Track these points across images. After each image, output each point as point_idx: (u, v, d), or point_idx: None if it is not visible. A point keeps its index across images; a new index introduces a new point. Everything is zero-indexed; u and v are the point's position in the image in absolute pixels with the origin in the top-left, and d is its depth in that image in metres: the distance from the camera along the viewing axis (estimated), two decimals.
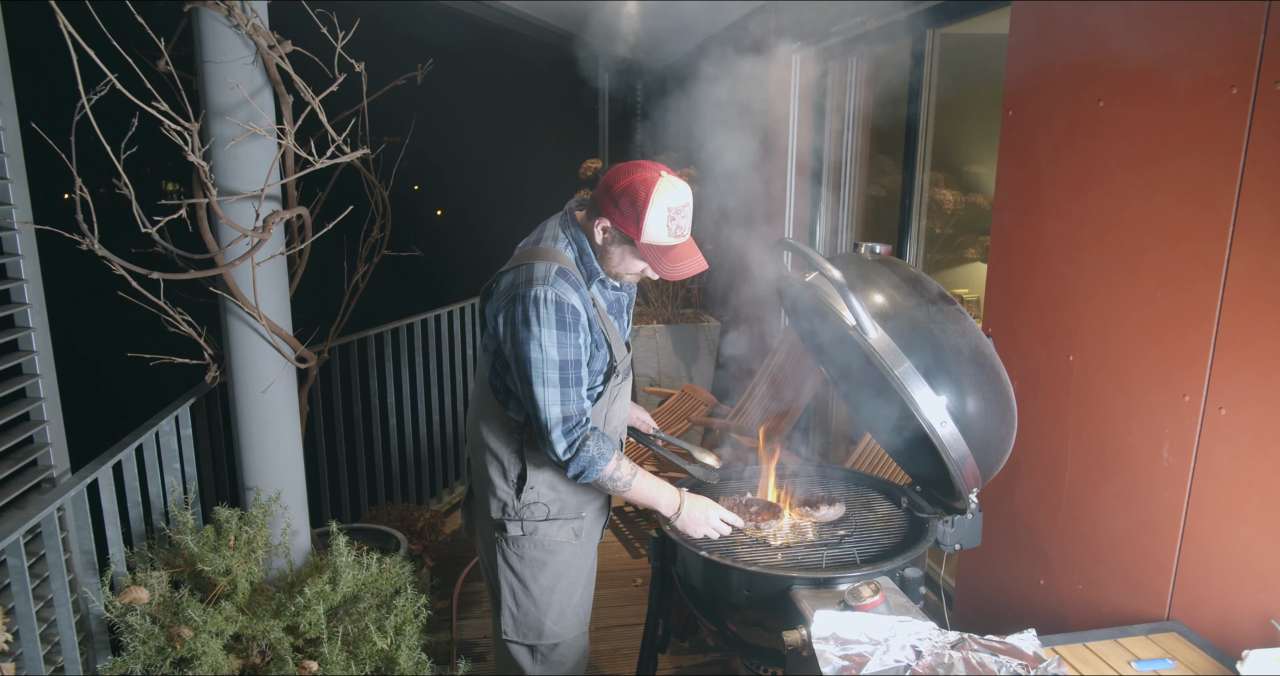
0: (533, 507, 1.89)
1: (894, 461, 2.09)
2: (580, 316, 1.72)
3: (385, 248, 2.73)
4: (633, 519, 4.06)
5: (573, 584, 1.97)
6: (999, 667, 1.33)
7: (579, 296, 1.72)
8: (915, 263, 3.34)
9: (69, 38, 1.70)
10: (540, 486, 1.88)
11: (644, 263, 1.75)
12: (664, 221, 1.66)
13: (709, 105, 3.77)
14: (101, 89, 1.83)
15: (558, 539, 1.92)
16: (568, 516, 1.92)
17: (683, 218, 1.70)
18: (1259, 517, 1.57)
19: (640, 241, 1.69)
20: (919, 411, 1.51)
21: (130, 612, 1.95)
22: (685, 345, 5.41)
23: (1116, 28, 1.87)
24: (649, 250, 1.70)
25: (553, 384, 1.70)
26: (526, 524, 1.90)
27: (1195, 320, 1.68)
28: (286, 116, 2.25)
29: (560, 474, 1.87)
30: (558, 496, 1.91)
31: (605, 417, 1.90)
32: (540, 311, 1.67)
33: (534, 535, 1.91)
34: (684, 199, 1.68)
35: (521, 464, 1.88)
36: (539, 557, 1.92)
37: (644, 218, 1.65)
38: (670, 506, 1.82)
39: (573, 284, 1.72)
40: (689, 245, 1.75)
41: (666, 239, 1.69)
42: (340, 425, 3.46)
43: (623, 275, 1.81)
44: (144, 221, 1.97)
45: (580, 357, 1.74)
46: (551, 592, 1.95)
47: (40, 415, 2.10)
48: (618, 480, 1.78)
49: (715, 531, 1.83)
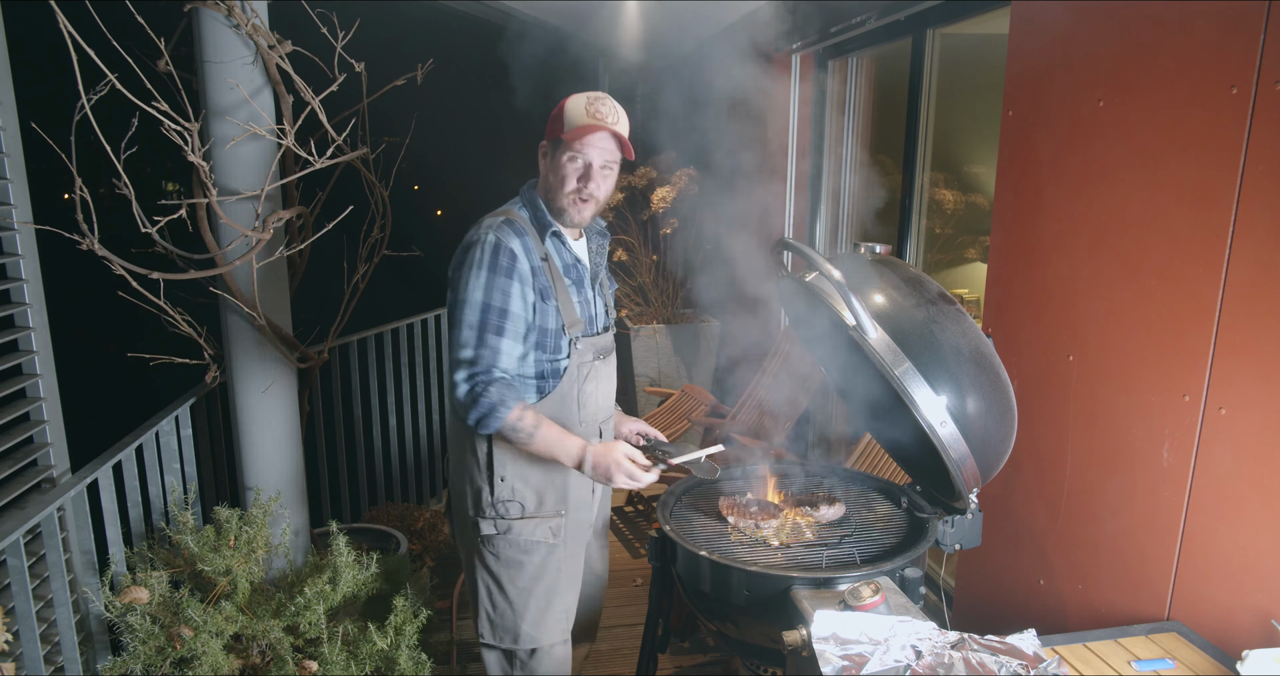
0: (507, 504, 1.84)
1: (894, 461, 2.09)
2: (519, 261, 1.72)
3: (385, 247, 2.73)
4: (633, 519, 4.06)
5: (552, 587, 1.91)
6: (999, 667, 1.33)
7: (521, 243, 1.74)
8: (915, 263, 3.34)
9: (69, 38, 1.70)
10: (514, 480, 1.83)
11: (568, 155, 1.76)
12: (582, 105, 1.76)
13: (709, 105, 3.77)
14: (101, 89, 1.83)
15: (534, 538, 1.86)
16: (545, 514, 1.86)
17: (601, 104, 1.77)
18: (1259, 518, 1.57)
19: (564, 134, 1.75)
20: (919, 411, 1.51)
21: (130, 612, 1.95)
22: (685, 345, 5.41)
23: (1116, 27, 1.87)
24: (571, 136, 1.74)
25: (470, 325, 1.70)
26: (501, 522, 1.85)
27: (1195, 320, 1.68)
28: (286, 116, 2.25)
29: (534, 465, 1.82)
30: (533, 492, 1.85)
31: (578, 400, 1.85)
32: (475, 254, 1.72)
33: (508, 534, 1.85)
34: (602, 95, 1.78)
35: (490, 455, 1.82)
36: (515, 557, 1.87)
37: (564, 106, 1.78)
38: (572, 458, 1.73)
39: (517, 231, 1.75)
40: (610, 132, 1.77)
41: (584, 119, 1.75)
42: (340, 425, 3.46)
43: (565, 206, 1.80)
44: (144, 221, 1.97)
45: (510, 307, 1.71)
46: (529, 595, 1.89)
47: (40, 415, 2.10)
48: (519, 431, 1.70)
49: (629, 477, 1.71)
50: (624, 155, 1.81)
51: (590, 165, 1.78)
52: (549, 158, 1.82)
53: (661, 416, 4.39)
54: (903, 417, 1.81)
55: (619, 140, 1.78)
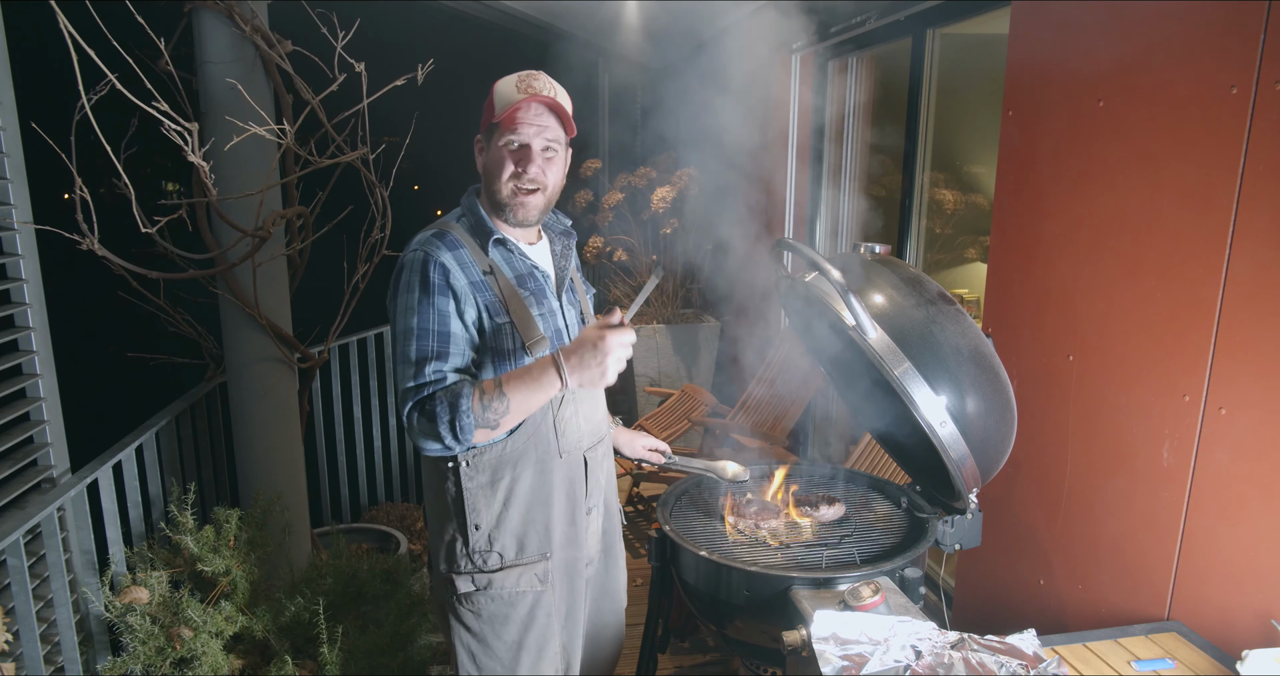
0: (485, 555, 1.60)
1: (894, 461, 2.09)
2: (451, 274, 1.51)
3: (385, 247, 2.73)
4: (632, 519, 4.06)
5: (544, 634, 1.65)
6: (999, 667, 1.33)
7: (454, 257, 1.53)
8: (915, 263, 3.34)
9: (69, 38, 1.70)
10: (489, 528, 1.60)
11: (503, 139, 1.55)
12: (512, 83, 1.56)
13: (709, 105, 3.77)
14: (101, 89, 1.83)
15: (519, 589, 1.61)
16: (529, 560, 1.62)
17: (534, 79, 1.56)
18: (1259, 518, 1.57)
19: (496, 117, 1.55)
20: (919, 411, 1.51)
21: (130, 612, 1.95)
22: (685, 345, 5.41)
23: (1117, 28, 1.87)
24: (504, 117, 1.54)
25: (406, 359, 1.48)
26: (479, 576, 1.59)
27: (1195, 320, 1.68)
28: (286, 116, 2.25)
29: (511, 506, 1.60)
30: (513, 538, 1.61)
31: (555, 429, 1.61)
32: (404, 278, 1.52)
33: (489, 589, 1.60)
34: (535, 71, 1.59)
35: (460, 498, 1.58)
36: (500, 612, 1.61)
37: (494, 89, 1.57)
38: (554, 384, 1.46)
39: (449, 244, 1.54)
40: (546, 104, 1.57)
41: (515, 95, 1.54)
42: (340, 425, 3.46)
43: (506, 199, 1.59)
44: (144, 221, 1.97)
45: (449, 328, 1.50)
46: (519, 649, 1.63)
47: (40, 415, 2.10)
48: (492, 409, 1.44)
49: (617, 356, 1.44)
50: (566, 133, 1.61)
51: (528, 147, 1.55)
52: (485, 150, 1.61)
53: (661, 416, 4.39)
54: (902, 418, 1.81)
55: (559, 115, 1.57)
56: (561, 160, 1.64)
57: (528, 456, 1.60)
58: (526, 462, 1.60)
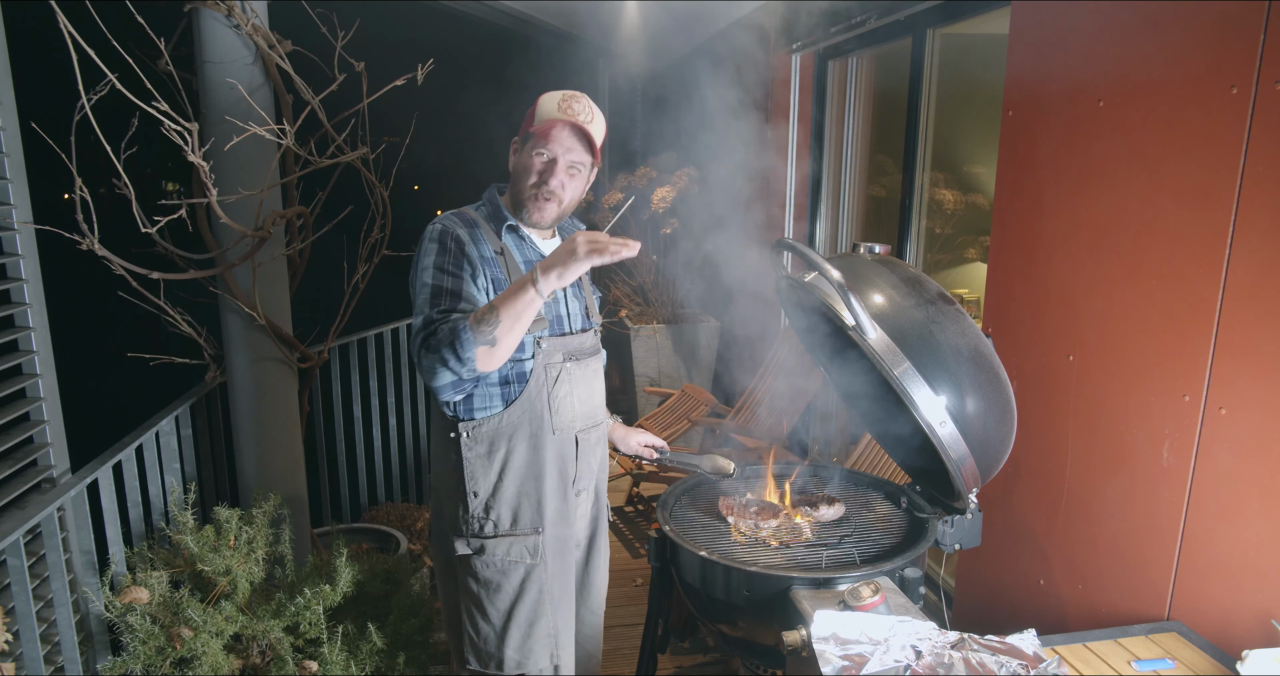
0: (481, 522, 1.77)
1: (894, 461, 2.09)
2: (466, 245, 1.68)
3: (385, 247, 2.73)
4: (633, 519, 4.06)
5: (535, 610, 1.80)
6: (999, 667, 1.33)
7: (469, 232, 1.71)
8: (915, 263, 3.34)
9: (69, 38, 1.70)
10: (487, 496, 1.76)
11: (535, 149, 1.71)
12: (555, 101, 1.73)
13: (709, 105, 3.77)
14: (101, 89, 1.84)
15: (510, 558, 1.77)
16: (522, 532, 1.78)
17: (575, 101, 1.73)
18: (1259, 518, 1.57)
19: (533, 127, 1.72)
20: (918, 411, 1.51)
21: (130, 612, 1.95)
22: (685, 345, 5.41)
23: (1116, 28, 1.87)
24: (539, 130, 1.71)
25: (420, 311, 1.63)
26: (474, 540, 1.77)
27: (1195, 320, 1.68)
28: (286, 116, 2.25)
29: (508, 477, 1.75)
30: (508, 508, 1.77)
31: (549, 405, 1.75)
32: (424, 246, 1.70)
33: (483, 554, 1.77)
34: (578, 94, 1.75)
35: (460, 467, 1.74)
36: (493, 578, 1.78)
37: (539, 101, 1.74)
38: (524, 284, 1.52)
39: (466, 222, 1.73)
40: (580, 130, 1.71)
41: (555, 114, 1.71)
42: (340, 425, 3.46)
43: (526, 201, 1.74)
44: (144, 221, 1.97)
45: (461, 287, 1.64)
46: (510, 618, 1.80)
47: (40, 415, 2.10)
48: (486, 323, 1.52)
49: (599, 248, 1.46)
50: (594, 159, 1.76)
51: (555, 161, 1.72)
52: (518, 153, 1.79)
53: (661, 416, 4.39)
54: (902, 417, 1.81)
55: (589, 142, 1.73)
56: (584, 178, 1.79)
57: (521, 430, 1.74)
58: (520, 436, 1.75)
